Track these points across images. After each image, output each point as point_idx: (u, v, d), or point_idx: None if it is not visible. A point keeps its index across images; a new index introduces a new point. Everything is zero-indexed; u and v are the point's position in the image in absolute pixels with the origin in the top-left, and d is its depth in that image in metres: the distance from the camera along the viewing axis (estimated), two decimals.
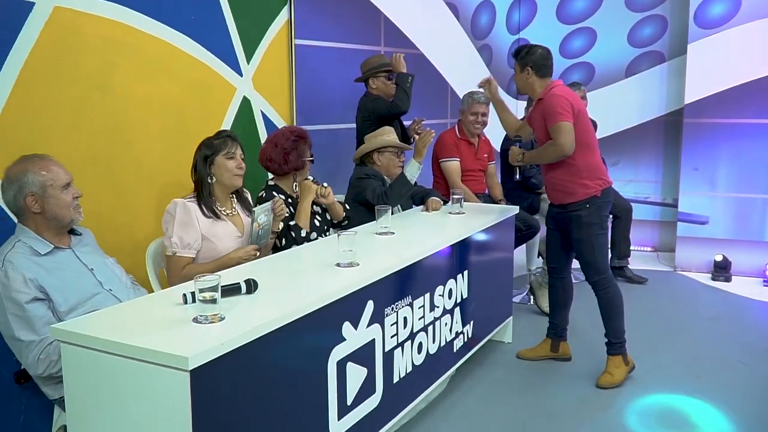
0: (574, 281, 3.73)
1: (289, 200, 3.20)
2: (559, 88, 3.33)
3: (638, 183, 6.30)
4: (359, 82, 4.21)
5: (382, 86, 4.14)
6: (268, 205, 2.88)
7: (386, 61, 4.17)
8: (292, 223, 3.14)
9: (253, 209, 2.79)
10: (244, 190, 3.03)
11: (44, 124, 2.67)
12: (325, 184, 3.31)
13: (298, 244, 3.07)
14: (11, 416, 2.55)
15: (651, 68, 6.19)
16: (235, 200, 2.98)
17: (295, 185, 3.27)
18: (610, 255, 5.27)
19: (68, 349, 1.84)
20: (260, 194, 3.19)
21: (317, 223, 3.30)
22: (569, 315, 3.71)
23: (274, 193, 3.15)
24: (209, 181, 2.82)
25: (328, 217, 3.39)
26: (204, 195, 2.80)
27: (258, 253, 2.80)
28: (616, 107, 6.23)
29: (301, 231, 3.13)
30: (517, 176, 3.83)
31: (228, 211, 2.89)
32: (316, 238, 3.20)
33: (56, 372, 2.15)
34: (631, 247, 5.42)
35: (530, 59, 3.37)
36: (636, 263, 5.60)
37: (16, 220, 2.32)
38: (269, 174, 3.35)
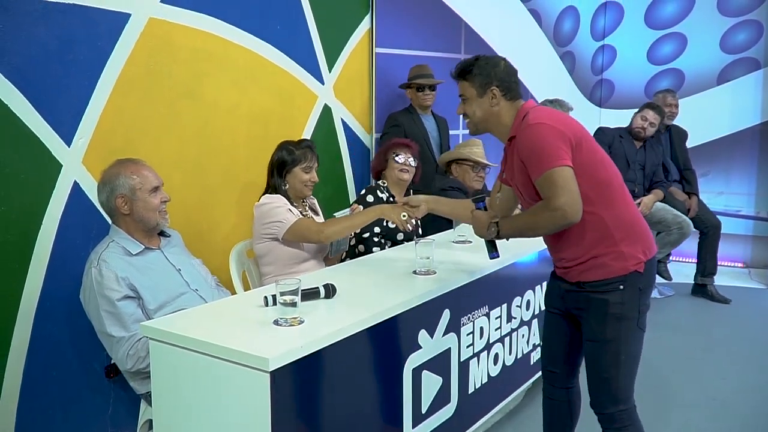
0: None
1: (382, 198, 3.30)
2: (536, 111, 2.09)
3: (730, 195, 6.00)
4: (403, 89, 4.27)
5: (414, 97, 4.18)
6: (344, 212, 2.93)
7: (423, 72, 4.14)
8: (377, 229, 3.18)
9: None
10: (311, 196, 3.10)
11: (138, 130, 2.80)
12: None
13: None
14: (101, 408, 2.69)
15: (745, 75, 5.88)
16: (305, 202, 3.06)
17: (383, 181, 3.36)
18: (694, 271, 5.05)
19: (156, 346, 1.91)
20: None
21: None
22: None
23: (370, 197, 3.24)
24: (283, 187, 2.90)
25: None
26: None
27: (410, 227, 2.73)
28: (706, 115, 5.95)
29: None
30: (495, 253, 2.32)
31: (302, 212, 2.97)
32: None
33: (144, 367, 2.24)
34: (720, 263, 5.15)
35: (493, 74, 2.14)
36: (725, 279, 5.32)
37: (110, 221, 2.45)
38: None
